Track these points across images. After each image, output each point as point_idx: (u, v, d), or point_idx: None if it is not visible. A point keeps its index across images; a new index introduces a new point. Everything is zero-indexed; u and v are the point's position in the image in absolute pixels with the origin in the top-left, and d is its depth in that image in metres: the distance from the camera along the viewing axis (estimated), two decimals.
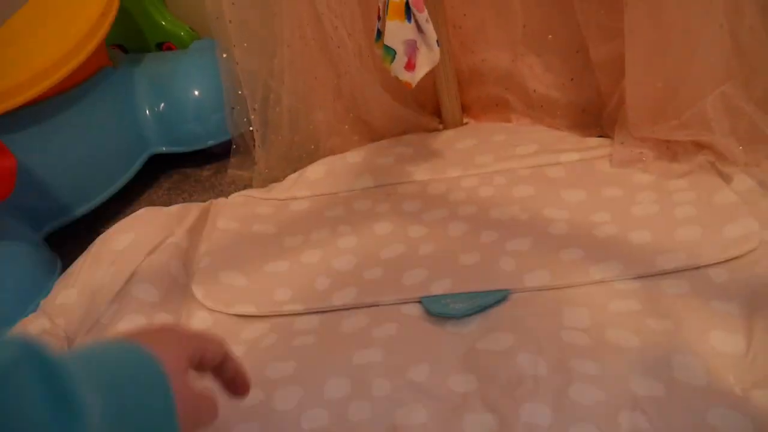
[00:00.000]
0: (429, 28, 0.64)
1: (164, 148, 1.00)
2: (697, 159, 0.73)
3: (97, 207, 0.94)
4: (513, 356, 0.55)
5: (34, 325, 0.68)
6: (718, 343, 0.53)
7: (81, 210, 0.90)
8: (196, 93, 1.00)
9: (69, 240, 0.90)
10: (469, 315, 0.61)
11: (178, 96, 1.00)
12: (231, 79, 0.93)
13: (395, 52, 0.65)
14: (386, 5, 0.63)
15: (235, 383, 0.49)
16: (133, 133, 0.98)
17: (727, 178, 0.70)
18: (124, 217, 0.79)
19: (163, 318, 0.66)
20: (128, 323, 0.64)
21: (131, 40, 1.09)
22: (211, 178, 1.02)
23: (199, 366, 0.45)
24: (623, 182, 0.74)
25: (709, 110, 0.69)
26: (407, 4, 0.62)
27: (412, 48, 0.65)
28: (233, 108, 0.95)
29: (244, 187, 0.93)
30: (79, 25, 0.89)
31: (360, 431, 0.53)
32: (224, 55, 0.92)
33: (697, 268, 0.61)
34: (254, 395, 0.55)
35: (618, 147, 0.78)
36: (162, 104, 1.00)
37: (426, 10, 0.64)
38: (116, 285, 0.68)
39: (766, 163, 0.69)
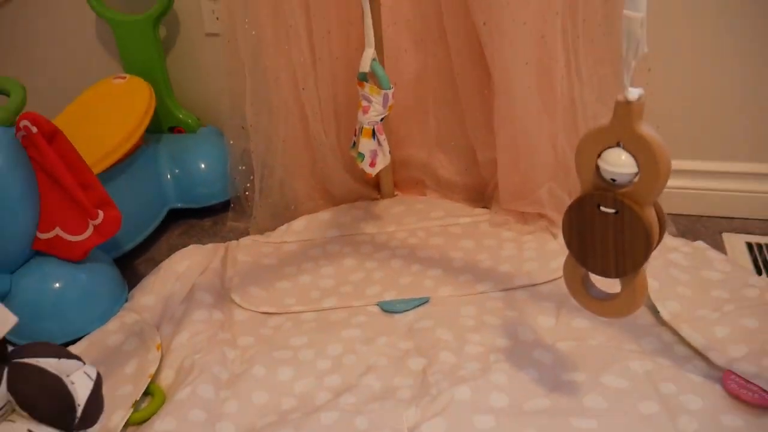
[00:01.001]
0: (385, 144, 1.10)
1: (180, 204, 1.39)
2: (538, 223, 1.21)
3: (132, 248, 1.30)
4: (433, 331, 1.00)
5: (127, 318, 1.05)
6: (544, 320, 1.00)
7: (129, 246, 1.26)
8: (203, 165, 1.40)
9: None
10: (407, 311, 1.05)
11: (189, 167, 1.39)
12: (234, 158, 1.34)
13: (364, 156, 1.10)
14: (361, 129, 1.08)
15: None
16: (158, 193, 1.36)
17: (555, 236, 1.19)
18: (149, 255, 1.18)
19: (216, 314, 1.05)
20: (197, 316, 1.03)
21: (149, 123, 1.48)
22: (213, 227, 1.40)
23: None
24: (496, 236, 1.21)
25: (544, 195, 1.19)
26: (373, 130, 1.07)
27: (374, 154, 1.09)
28: (235, 177, 1.36)
29: (240, 234, 1.33)
30: (133, 116, 1.27)
31: (350, 370, 0.94)
32: (231, 141, 1.33)
33: (534, 285, 1.08)
34: (286, 355, 0.97)
35: (493, 215, 1.26)
36: (177, 171, 1.39)
37: (384, 134, 1.09)
38: (183, 292, 1.08)
39: None
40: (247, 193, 1.36)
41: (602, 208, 0.69)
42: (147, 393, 0.93)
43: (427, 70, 1.23)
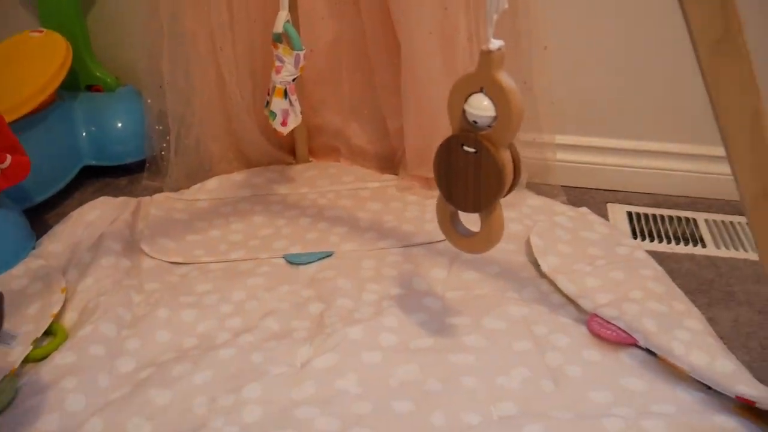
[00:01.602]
0: (296, 104, 1.15)
1: (94, 162, 1.40)
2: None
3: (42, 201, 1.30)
4: (334, 280, 1.05)
5: (32, 264, 1.06)
6: (437, 272, 1.07)
7: (40, 198, 1.26)
8: (120, 124, 1.41)
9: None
10: (311, 263, 1.10)
11: (106, 124, 1.40)
12: (152, 117, 1.36)
13: (276, 115, 1.14)
14: (273, 88, 1.13)
15: None
16: (72, 149, 1.37)
17: None
18: (60, 211, 1.19)
19: (123, 261, 1.08)
20: (104, 262, 1.06)
21: (67, 81, 1.47)
22: (128, 185, 1.42)
23: None
24: (402, 200, 1.28)
25: None
26: (285, 89, 1.12)
27: (286, 113, 1.14)
28: (151, 137, 1.38)
29: (154, 193, 1.35)
30: (47, 70, 1.28)
31: (251, 314, 0.99)
32: (149, 101, 1.36)
33: (432, 242, 1.15)
34: (190, 300, 1.01)
35: (400, 180, 1.33)
36: (94, 129, 1.40)
37: (296, 94, 1.14)
38: (91, 239, 1.10)
39: None
40: (163, 153, 1.38)
41: (465, 148, 0.76)
42: (50, 333, 0.95)
43: (342, 38, 1.29)
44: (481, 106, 0.73)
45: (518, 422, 0.79)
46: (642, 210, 1.28)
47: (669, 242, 1.17)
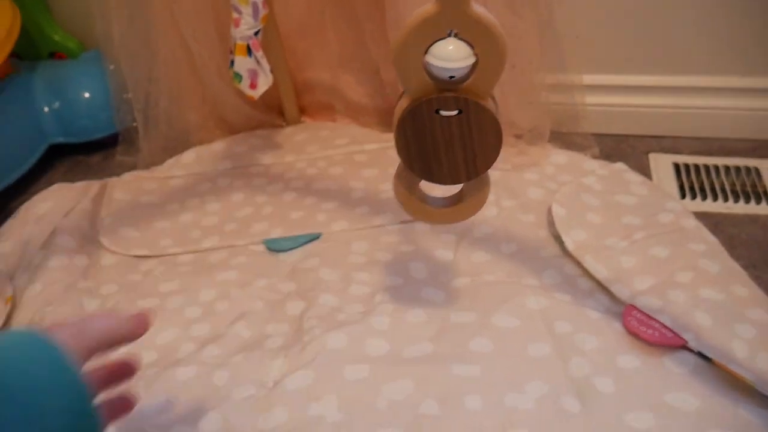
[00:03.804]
0: (264, 62, 0.96)
1: (61, 139, 1.25)
2: None
3: (5, 187, 1.17)
4: (317, 271, 0.89)
5: None
6: (441, 254, 0.90)
7: (2, 184, 1.12)
8: (87, 95, 1.25)
9: None
10: (294, 248, 0.94)
11: (71, 96, 1.25)
12: (117, 85, 1.20)
13: (242, 77, 0.96)
14: (234, 45, 0.95)
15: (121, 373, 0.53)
16: (34, 126, 1.22)
17: None
18: (27, 197, 1.05)
19: (79, 259, 0.94)
20: (55, 263, 0.92)
21: (25, 50, 1.31)
22: (101, 163, 1.27)
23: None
24: None
25: None
26: (248, 45, 0.94)
27: (254, 74, 0.96)
28: (119, 108, 1.22)
29: (130, 170, 1.20)
30: None
31: (221, 318, 0.84)
32: (111, 67, 1.19)
33: None
34: (151, 302, 0.86)
35: None
36: (58, 103, 1.24)
37: (261, 50, 0.96)
38: (42, 237, 0.95)
39: None
40: (135, 124, 1.22)
41: (442, 113, 0.58)
42: None
43: None
44: (457, 54, 0.55)
45: None
46: (691, 159, 1.07)
47: (726, 200, 0.97)
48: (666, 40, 1.07)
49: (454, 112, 0.59)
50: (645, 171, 1.04)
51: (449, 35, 0.54)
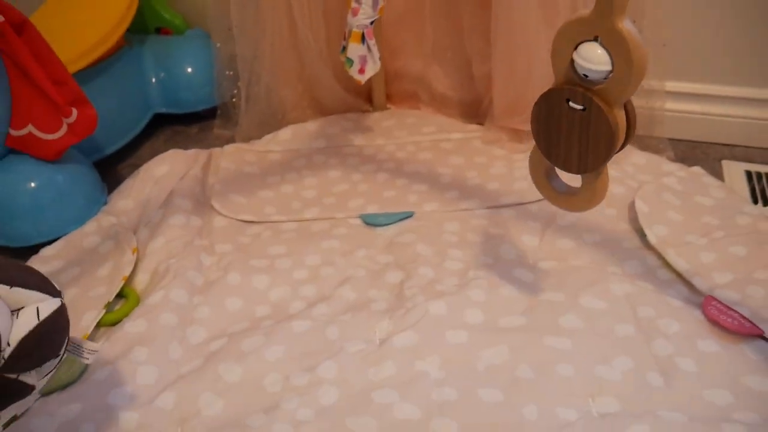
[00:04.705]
0: (375, 49, 1.04)
1: (164, 109, 1.35)
2: (532, 142, 1.16)
3: (115, 150, 1.27)
4: (414, 246, 0.97)
5: (104, 221, 1.03)
6: (528, 239, 0.97)
7: (111, 149, 1.23)
8: (190, 69, 1.35)
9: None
10: (389, 224, 1.02)
11: (176, 70, 1.34)
12: (221, 62, 1.29)
13: (353, 62, 1.04)
14: (350, 32, 1.03)
15: None
16: (143, 96, 1.32)
17: None
18: (133, 161, 1.14)
19: (194, 220, 1.03)
20: (174, 221, 1.01)
21: (134, 24, 1.41)
22: (199, 134, 1.36)
23: None
24: (487, 154, 1.17)
25: None
26: (363, 34, 1.01)
27: (363, 60, 1.04)
28: (221, 83, 1.31)
29: (226, 142, 1.29)
30: (113, 15, 1.21)
31: (326, 281, 0.92)
32: (218, 45, 1.28)
33: (522, 203, 1.05)
34: (262, 263, 0.95)
35: (486, 131, 1.22)
36: (163, 75, 1.34)
37: (374, 38, 1.04)
38: (161, 197, 1.05)
39: None
40: (234, 99, 1.32)
41: (571, 104, 0.66)
42: (121, 295, 0.92)
43: None
44: (595, 58, 0.62)
45: (621, 422, 0.71)
46: (763, 168, 1.12)
47: None
48: (745, 53, 1.13)
49: (580, 107, 0.66)
50: (718, 177, 1.10)
51: (595, 39, 0.61)
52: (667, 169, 1.08)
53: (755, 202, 1.04)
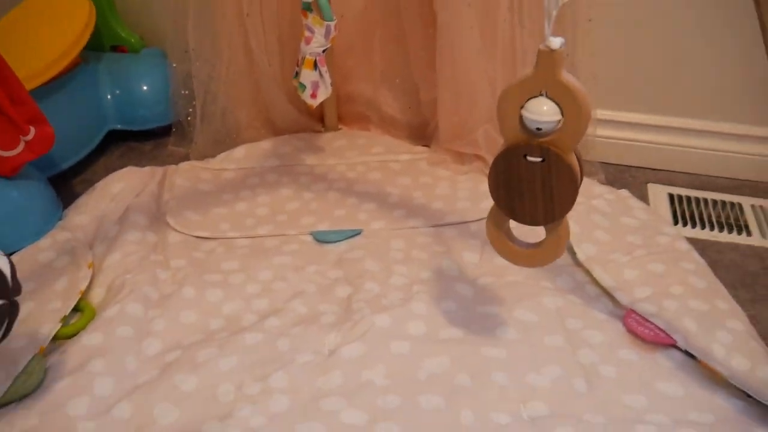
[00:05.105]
0: (327, 76, 1.10)
1: (119, 126, 1.37)
2: (474, 164, 1.24)
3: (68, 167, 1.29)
4: (362, 262, 1.03)
5: (59, 236, 1.06)
6: (469, 256, 1.04)
7: (65, 165, 1.25)
8: (145, 87, 1.38)
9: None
10: (339, 241, 1.08)
11: (132, 88, 1.37)
12: (177, 82, 1.33)
13: (305, 87, 1.10)
14: (303, 59, 1.08)
15: None
16: (98, 113, 1.34)
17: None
18: (87, 177, 1.17)
19: (150, 235, 1.06)
20: (130, 236, 1.04)
21: (91, 41, 1.43)
22: (153, 151, 1.39)
23: None
24: (433, 174, 1.24)
25: (481, 137, 1.21)
26: (315, 61, 1.07)
27: (316, 86, 1.10)
28: (177, 101, 1.35)
29: (180, 160, 1.32)
30: (71, 32, 1.24)
31: (278, 295, 0.97)
32: (174, 65, 1.32)
33: (464, 222, 1.12)
34: (216, 278, 0.99)
35: (432, 153, 1.29)
36: (118, 92, 1.36)
37: (326, 65, 1.10)
38: (117, 213, 1.08)
39: None
40: (189, 118, 1.35)
41: (529, 158, 0.70)
42: (77, 309, 0.95)
43: (374, 5, 1.23)
44: (545, 111, 0.67)
45: (548, 424, 0.77)
46: (684, 192, 1.22)
47: (712, 229, 1.12)
48: (670, 85, 1.23)
49: (539, 159, 0.71)
50: (643, 199, 1.19)
51: (541, 95, 0.67)
52: (598, 191, 1.16)
53: (676, 222, 1.14)
